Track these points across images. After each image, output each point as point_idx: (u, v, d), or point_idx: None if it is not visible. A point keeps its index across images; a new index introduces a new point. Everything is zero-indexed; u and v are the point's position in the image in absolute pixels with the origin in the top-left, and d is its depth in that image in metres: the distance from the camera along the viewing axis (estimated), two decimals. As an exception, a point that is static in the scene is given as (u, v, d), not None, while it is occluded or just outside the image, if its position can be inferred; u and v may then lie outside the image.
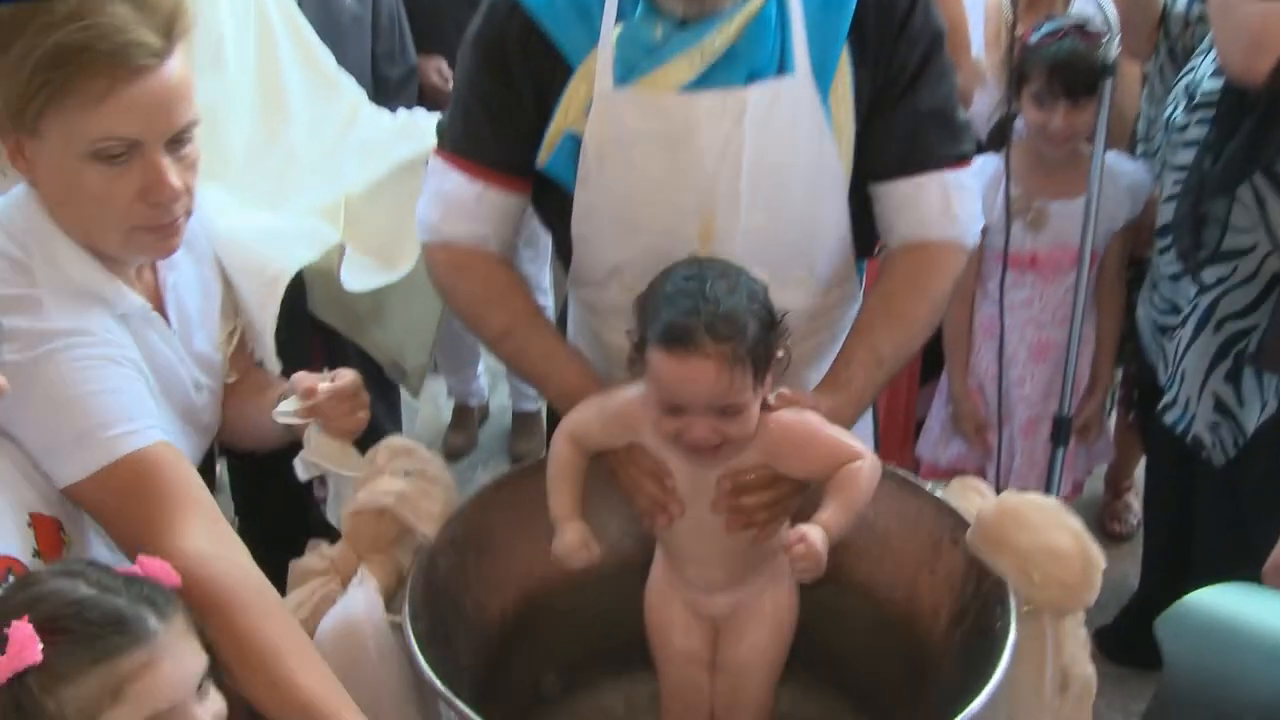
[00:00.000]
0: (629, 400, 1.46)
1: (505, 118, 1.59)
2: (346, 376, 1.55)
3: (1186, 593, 2.34)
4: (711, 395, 1.31)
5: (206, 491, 1.38)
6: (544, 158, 1.60)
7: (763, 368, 1.35)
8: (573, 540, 1.46)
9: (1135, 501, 3.18)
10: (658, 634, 1.57)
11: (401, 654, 1.39)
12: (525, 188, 1.65)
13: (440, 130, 1.68)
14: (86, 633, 1.06)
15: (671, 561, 1.54)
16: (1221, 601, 0.93)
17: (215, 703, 1.15)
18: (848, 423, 1.52)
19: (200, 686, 1.13)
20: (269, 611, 1.28)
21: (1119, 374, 2.83)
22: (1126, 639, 2.56)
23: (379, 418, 2.87)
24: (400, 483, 1.48)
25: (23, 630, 1.04)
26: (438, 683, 1.28)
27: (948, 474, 2.64)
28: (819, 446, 1.41)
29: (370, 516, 1.47)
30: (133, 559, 1.21)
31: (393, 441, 1.56)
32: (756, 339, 1.32)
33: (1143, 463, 2.89)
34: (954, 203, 1.59)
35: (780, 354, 1.38)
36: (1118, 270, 2.60)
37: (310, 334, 2.33)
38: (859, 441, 1.41)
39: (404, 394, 2.80)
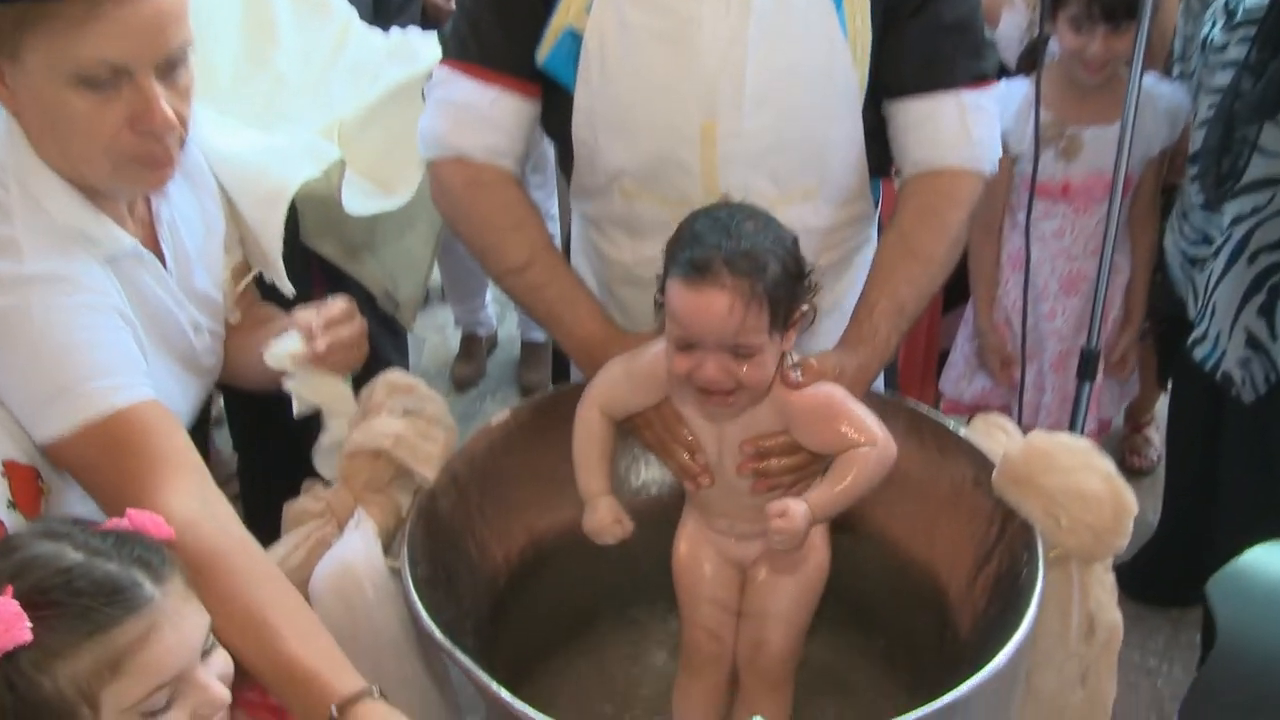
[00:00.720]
0: (657, 356, 1.40)
1: (514, 19, 1.52)
2: (339, 304, 1.47)
3: (1209, 531, 2.33)
4: (724, 329, 1.27)
5: (196, 453, 1.31)
6: (543, 54, 1.53)
7: (781, 313, 1.30)
8: (604, 517, 1.43)
9: (1155, 436, 3.14)
10: (686, 577, 1.52)
11: (400, 600, 1.34)
12: (537, 92, 1.58)
13: (444, 41, 1.62)
14: (77, 605, 0.99)
15: (700, 513, 1.51)
16: (1276, 562, 0.86)
17: (220, 660, 1.09)
18: (874, 376, 1.49)
19: (205, 646, 1.07)
20: (259, 574, 1.21)
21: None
22: (1145, 576, 2.52)
23: (384, 348, 2.85)
24: (398, 423, 1.42)
25: (8, 608, 0.96)
26: (437, 632, 1.23)
27: (971, 410, 2.59)
28: (835, 423, 1.36)
29: (367, 458, 1.41)
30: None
31: (392, 377, 1.50)
32: (777, 281, 1.28)
33: (1165, 397, 2.84)
34: (971, 125, 1.53)
35: (805, 308, 1.34)
36: (1153, 199, 2.52)
37: (309, 264, 2.28)
38: (878, 425, 1.36)
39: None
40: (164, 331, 1.44)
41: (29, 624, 0.96)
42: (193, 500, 1.23)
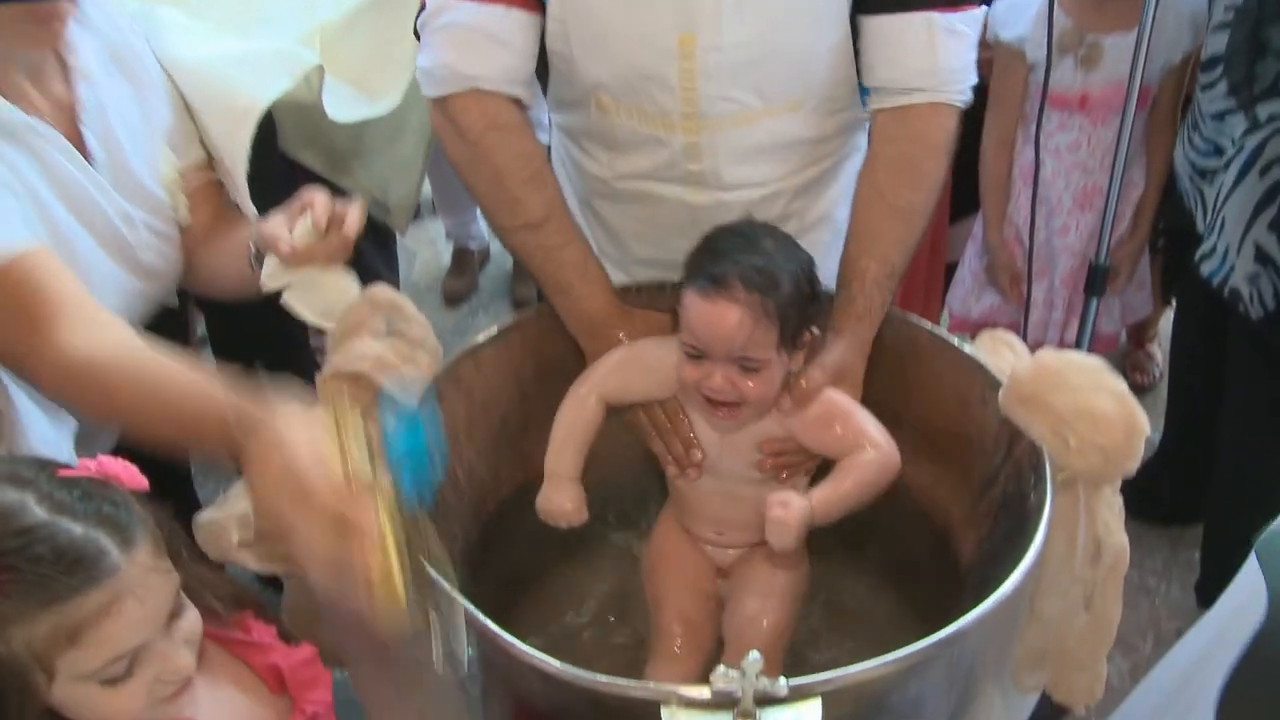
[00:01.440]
0: (670, 354, 1.42)
1: None
2: (317, 199, 1.38)
3: (1210, 449, 2.30)
4: (733, 341, 1.32)
5: (83, 288, 1.27)
6: None
7: (790, 331, 1.35)
8: (565, 503, 1.44)
9: (1158, 352, 3.11)
10: (661, 567, 1.53)
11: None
12: (540, 6, 1.48)
13: None
14: (35, 573, 0.93)
15: (682, 517, 1.53)
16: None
17: (189, 622, 1.05)
18: (869, 346, 1.46)
19: (173, 608, 1.03)
20: (168, 374, 1.18)
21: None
22: (1144, 494, 2.48)
23: (374, 262, 2.79)
24: (379, 345, 1.35)
25: None
26: (419, 559, 1.18)
27: (978, 328, 2.53)
28: (839, 428, 1.40)
29: (345, 382, 1.35)
30: (16, 373, 1.09)
31: (377, 293, 1.43)
32: (789, 301, 1.33)
33: (1169, 313, 2.79)
34: (940, 49, 1.44)
35: (815, 331, 1.38)
36: (1172, 109, 2.42)
37: (291, 176, 2.21)
38: (881, 433, 1.40)
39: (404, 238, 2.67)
40: (89, 218, 1.39)
41: None
42: (85, 328, 1.21)
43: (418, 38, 1.51)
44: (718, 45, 1.43)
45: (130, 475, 1.05)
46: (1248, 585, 1.30)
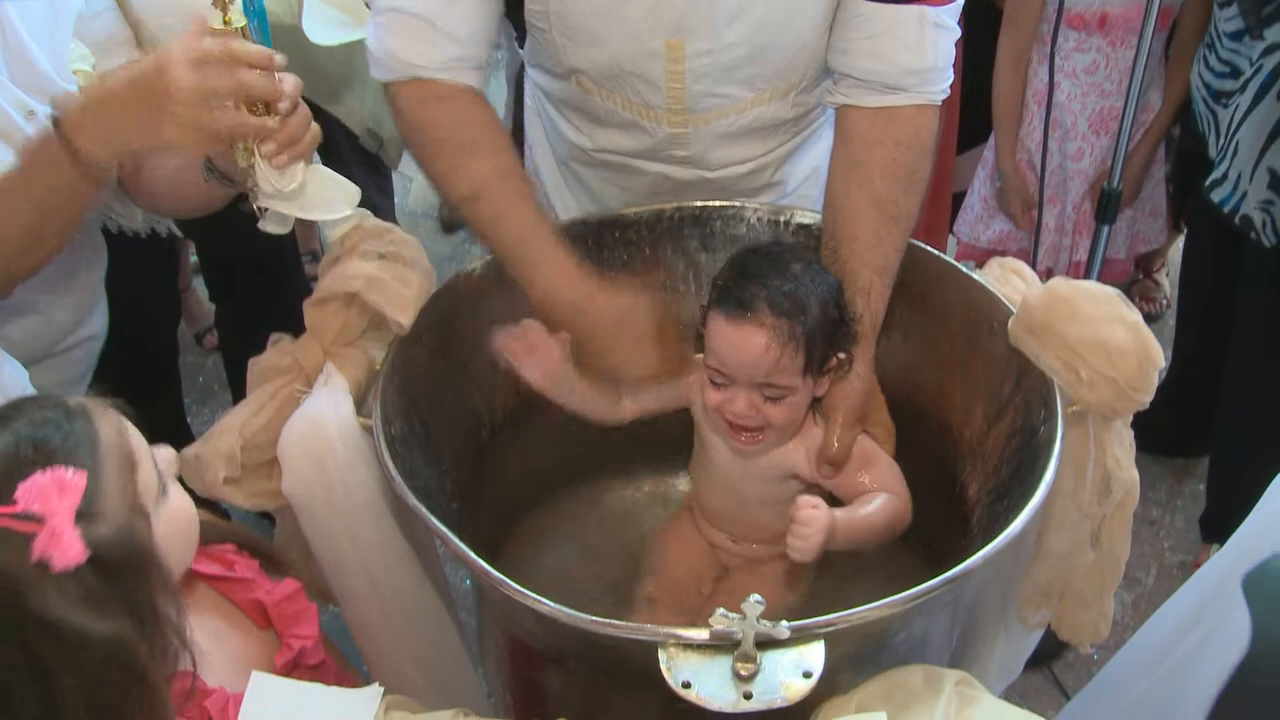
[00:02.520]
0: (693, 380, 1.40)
1: None
2: (289, 80, 1.25)
3: (1216, 379, 2.26)
4: (758, 366, 1.29)
5: None
6: None
7: (816, 359, 1.31)
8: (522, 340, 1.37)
9: (1165, 281, 3.06)
10: (666, 550, 1.52)
11: (375, 459, 1.25)
12: None
13: None
14: None
15: (700, 517, 1.51)
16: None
17: (175, 499, 1.01)
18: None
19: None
20: None
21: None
22: (1149, 424, 2.44)
23: (369, 190, 2.74)
24: (370, 265, 1.31)
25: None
26: (410, 496, 1.15)
27: (986, 254, 2.48)
28: (866, 477, 1.38)
29: (337, 305, 1.31)
30: None
31: (364, 221, 1.38)
32: (816, 326, 1.30)
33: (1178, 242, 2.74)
34: (929, 46, 1.36)
35: (841, 356, 1.35)
36: (1195, 30, 2.31)
37: None
38: (901, 484, 1.38)
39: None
40: None
41: None
42: None
43: None
44: (709, 49, 1.36)
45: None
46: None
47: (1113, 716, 1.46)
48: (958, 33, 1.39)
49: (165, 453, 1.02)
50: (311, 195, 1.26)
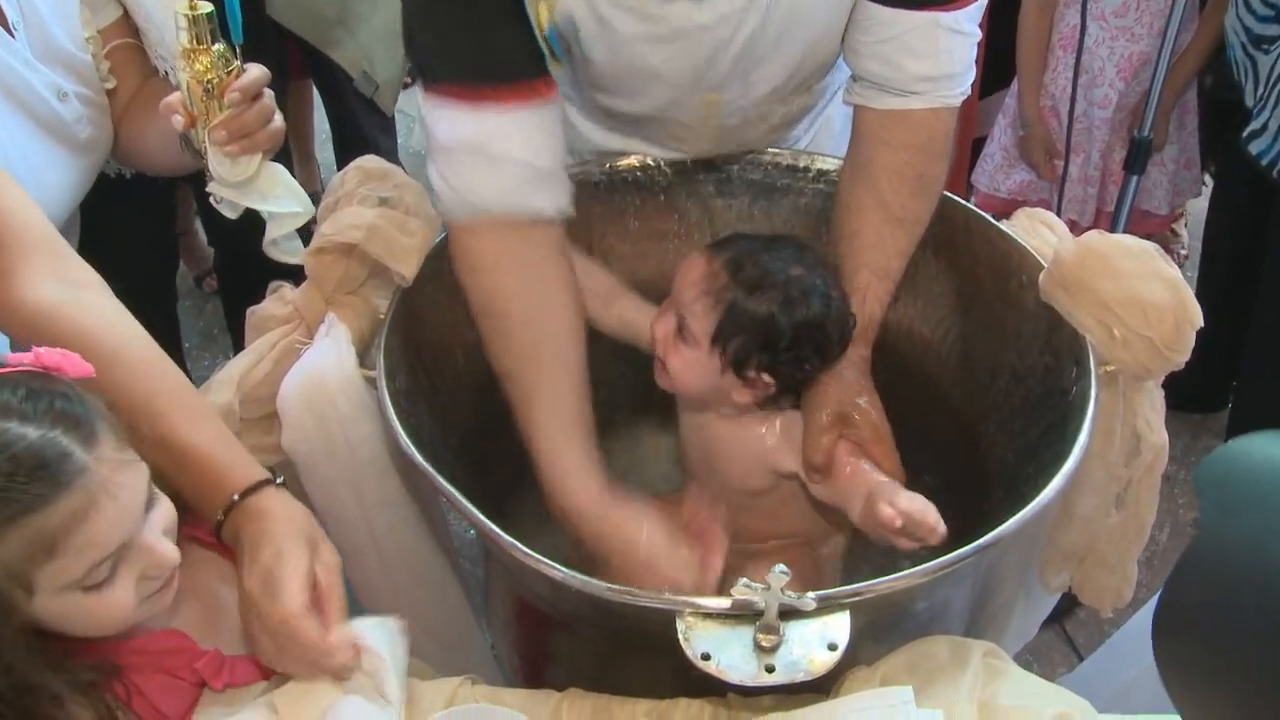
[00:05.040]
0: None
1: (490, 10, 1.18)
2: (253, 73, 1.22)
3: (1238, 333, 2.20)
4: (681, 290, 1.26)
5: (50, 226, 1.14)
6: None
7: (731, 345, 1.25)
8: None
9: (1184, 231, 2.99)
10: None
11: (378, 413, 1.20)
12: (545, 85, 1.21)
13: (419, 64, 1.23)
14: None
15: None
16: (1275, 451, 0.72)
17: (164, 513, 0.96)
18: (869, 361, 1.34)
19: (147, 500, 0.94)
20: (135, 357, 1.07)
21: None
22: (1169, 378, 2.40)
23: (369, 130, 2.68)
24: (371, 213, 1.25)
25: None
26: (415, 454, 1.10)
27: (1006, 205, 2.41)
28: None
29: (336, 254, 1.25)
30: None
31: (364, 162, 1.33)
32: (751, 321, 1.23)
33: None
34: (943, 55, 1.28)
35: (767, 380, 1.27)
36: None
37: (280, 43, 2.12)
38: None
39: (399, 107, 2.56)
40: (20, 99, 1.27)
41: None
42: (49, 282, 1.08)
43: None
44: (744, 94, 1.34)
45: (72, 364, 0.94)
46: None
47: (1127, 679, 1.43)
48: (978, 35, 1.31)
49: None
50: (261, 189, 1.26)
